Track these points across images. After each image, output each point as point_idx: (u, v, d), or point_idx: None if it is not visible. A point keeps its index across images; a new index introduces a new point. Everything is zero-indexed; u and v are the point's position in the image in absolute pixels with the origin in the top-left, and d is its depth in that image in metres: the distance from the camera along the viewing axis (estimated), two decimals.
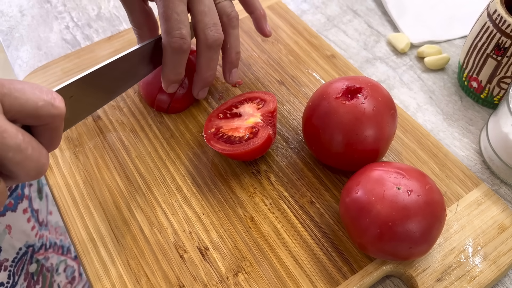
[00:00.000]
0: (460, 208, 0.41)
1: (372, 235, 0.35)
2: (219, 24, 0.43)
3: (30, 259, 0.57)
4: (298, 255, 0.39)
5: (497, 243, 0.39)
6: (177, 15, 0.41)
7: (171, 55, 0.42)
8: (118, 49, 0.55)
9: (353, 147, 0.39)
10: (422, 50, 0.55)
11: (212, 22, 0.43)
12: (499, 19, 0.44)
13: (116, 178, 0.44)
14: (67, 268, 0.66)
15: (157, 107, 0.49)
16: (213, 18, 0.43)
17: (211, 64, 0.45)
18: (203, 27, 0.43)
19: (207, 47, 0.43)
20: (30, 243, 0.56)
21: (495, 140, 0.44)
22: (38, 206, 0.59)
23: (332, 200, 0.42)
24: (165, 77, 0.44)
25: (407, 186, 0.35)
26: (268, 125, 0.43)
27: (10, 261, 0.52)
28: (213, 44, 0.43)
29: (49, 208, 0.63)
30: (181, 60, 0.43)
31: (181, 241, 0.40)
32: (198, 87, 0.47)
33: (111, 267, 0.39)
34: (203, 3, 0.42)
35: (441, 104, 0.51)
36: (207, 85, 0.47)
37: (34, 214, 0.57)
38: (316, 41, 0.55)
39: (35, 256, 0.58)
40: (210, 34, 0.43)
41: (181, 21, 0.41)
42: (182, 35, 0.41)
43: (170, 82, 0.44)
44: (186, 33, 0.42)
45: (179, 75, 0.44)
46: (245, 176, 0.44)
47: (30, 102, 0.28)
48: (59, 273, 0.64)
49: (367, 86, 0.40)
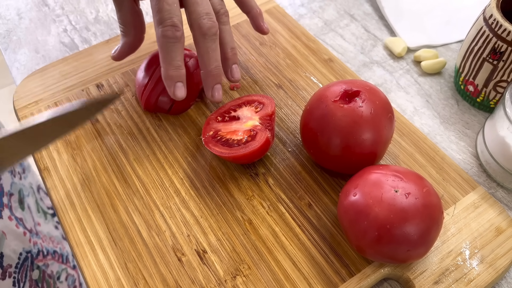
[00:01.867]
0: (457, 211, 0.41)
1: (370, 238, 0.35)
2: (213, 14, 0.43)
3: (32, 265, 0.56)
4: (296, 258, 0.39)
5: (494, 246, 0.39)
6: (168, 5, 0.41)
7: (166, 46, 0.42)
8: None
9: (351, 150, 0.39)
10: (419, 54, 0.55)
11: (205, 11, 0.43)
12: (495, 23, 0.44)
13: (114, 181, 0.44)
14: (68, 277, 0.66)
15: (159, 109, 0.49)
16: (206, 8, 0.43)
17: (212, 54, 0.43)
18: (196, 17, 0.42)
19: (203, 36, 0.43)
20: (27, 249, 0.56)
21: (492, 143, 0.44)
22: (21, 215, 0.58)
23: (330, 203, 0.42)
24: (166, 74, 0.43)
25: (405, 189, 0.35)
26: (266, 128, 0.43)
27: (14, 267, 0.52)
28: (207, 32, 0.42)
29: (35, 219, 0.62)
30: (177, 50, 0.42)
31: (179, 244, 0.40)
32: (209, 85, 0.44)
33: (109, 270, 0.39)
34: None
35: (438, 108, 0.51)
36: (217, 80, 0.44)
37: (19, 221, 0.57)
38: (314, 45, 0.55)
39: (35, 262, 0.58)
40: (203, 23, 0.42)
41: (172, 11, 0.41)
42: (173, 23, 0.41)
43: (174, 80, 0.43)
44: (178, 22, 0.41)
45: (179, 68, 0.42)
46: (243, 179, 0.44)
47: None
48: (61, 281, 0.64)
49: (364, 89, 0.40)
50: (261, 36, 0.57)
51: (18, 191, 0.59)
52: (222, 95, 0.45)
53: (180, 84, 0.43)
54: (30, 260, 0.56)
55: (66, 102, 0.51)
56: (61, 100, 0.51)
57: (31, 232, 0.59)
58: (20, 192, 0.60)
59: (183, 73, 0.43)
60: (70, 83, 0.53)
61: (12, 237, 0.53)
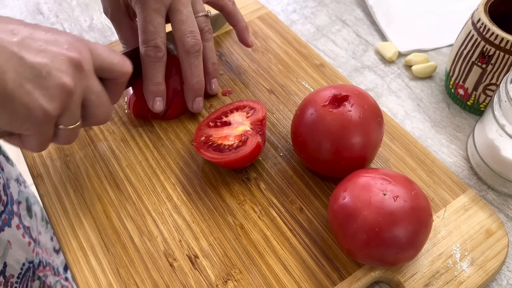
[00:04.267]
0: (448, 213, 0.42)
1: (359, 241, 0.35)
2: (197, 32, 0.46)
3: (33, 275, 0.56)
4: (287, 262, 0.39)
5: (484, 248, 0.39)
6: (153, 27, 0.44)
7: (147, 64, 0.45)
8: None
9: (340, 154, 0.40)
10: (410, 58, 0.56)
11: (189, 30, 0.45)
12: (483, 27, 0.45)
13: (107, 187, 0.45)
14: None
15: (153, 114, 0.49)
16: (190, 26, 0.45)
17: (194, 70, 0.46)
18: (180, 34, 0.45)
19: (186, 53, 0.46)
20: (30, 259, 0.56)
21: (482, 146, 0.45)
22: (29, 224, 0.59)
23: (321, 207, 0.43)
24: (146, 89, 0.46)
25: (393, 192, 0.35)
26: (257, 133, 0.43)
27: (16, 277, 0.52)
28: (190, 49, 0.45)
29: (38, 228, 0.63)
30: (158, 68, 0.45)
31: (171, 249, 0.40)
32: (190, 98, 0.48)
33: (101, 276, 0.39)
34: (181, 12, 0.45)
35: (428, 112, 0.52)
36: (198, 94, 0.48)
37: (26, 230, 0.57)
38: (305, 50, 0.56)
39: (37, 273, 0.58)
40: (187, 41, 0.45)
41: (157, 32, 0.44)
42: (156, 44, 0.44)
43: (153, 95, 0.46)
44: (161, 43, 0.44)
45: (158, 85, 0.46)
46: (235, 184, 0.45)
47: (108, 58, 0.37)
48: None
49: (353, 94, 0.40)
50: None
51: (25, 199, 0.60)
52: (212, 102, 0.47)
53: (159, 99, 0.46)
54: (32, 271, 0.56)
55: None
56: None
57: (35, 241, 0.59)
58: (27, 200, 0.60)
59: (162, 89, 0.46)
60: None
61: (17, 247, 0.53)
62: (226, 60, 0.56)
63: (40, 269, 0.59)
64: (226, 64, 0.55)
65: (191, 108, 0.49)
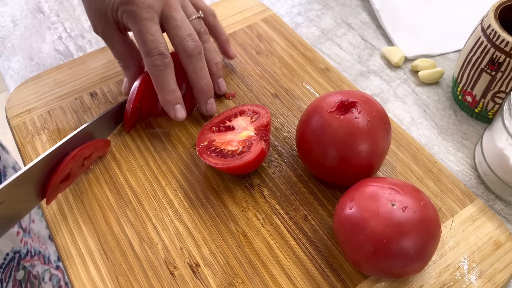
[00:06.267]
0: (455, 224, 0.41)
1: (366, 252, 0.34)
2: (195, 34, 0.45)
3: (17, 265, 0.56)
4: (291, 272, 0.38)
5: (492, 260, 0.39)
6: (151, 36, 0.43)
7: (157, 74, 0.44)
8: (110, 60, 0.55)
9: (347, 162, 0.39)
10: (416, 63, 0.55)
11: (187, 33, 0.45)
12: (493, 34, 0.44)
13: (106, 192, 0.44)
14: (52, 277, 0.66)
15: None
16: (187, 29, 0.45)
17: (200, 73, 0.46)
18: (179, 40, 0.44)
19: (189, 58, 0.45)
20: (16, 249, 0.55)
21: (490, 155, 0.44)
22: None
23: (326, 216, 0.42)
24: (163, 99, 0.45)
25: (402, 203, 0.34)
26: (261, 139, 0.42)
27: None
28: (193, 53, 0.45)
29: (32, 216, 0.62)
30: (168, 75, 0.44)
31: (172, 257, 0.39)
32: (202, 101, 0.48)
33: (99, 284, 0.38)
34: (175, 18, 0.44)
35: (435, 118, 0.51)
36: (208, 96, 0.47)
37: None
38: (310, 54, 0.55)
39: (22, 262, 0.57)
40: (187, 45, 0.44)
41: (157, 40, 0.43)
42: (160, 52, 0.43)
43: (172, 104, 0.45)
44: (164, 49, 0.43)
45: (174, 92, 0.45)
46: (238, 190, 0.44)
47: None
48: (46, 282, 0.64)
49: (361, 100, 0.39)
50: (258, 45, 0.56)
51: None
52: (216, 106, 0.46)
53: (178, 106, 0.45)
54: (17, 260, 0.56)
55: (59, 110, 0.50)
56: (54, 109, 0.50)
57: (25, 231, 0.58)
58: None
59: (179, 96, 0.45)
60: (64, 92, 0.52)
61: (3, 236, 0.52)
62: (229, 63, 0.55)
63: (27, 259, 0.58)
64: (230, 67, 0.54)
65: (205, 111, 0.48)
